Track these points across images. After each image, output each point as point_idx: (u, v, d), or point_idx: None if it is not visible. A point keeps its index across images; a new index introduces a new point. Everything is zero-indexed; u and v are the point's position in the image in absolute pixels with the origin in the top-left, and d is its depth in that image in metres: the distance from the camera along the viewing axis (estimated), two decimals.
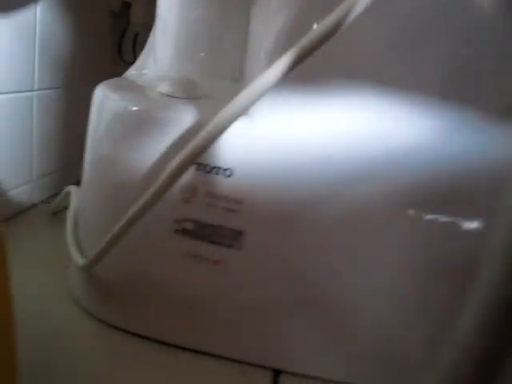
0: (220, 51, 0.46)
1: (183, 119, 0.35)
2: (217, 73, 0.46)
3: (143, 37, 0.74)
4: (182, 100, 0.38)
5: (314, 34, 0.27)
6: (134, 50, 0.77)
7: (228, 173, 0.35)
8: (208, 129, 0.30)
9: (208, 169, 0.35)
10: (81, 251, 0.42)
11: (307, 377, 0.38)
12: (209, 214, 0.36)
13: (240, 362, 0.39)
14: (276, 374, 0.38)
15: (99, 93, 0.41)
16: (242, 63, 0.46)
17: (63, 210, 0.59)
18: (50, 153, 0.65)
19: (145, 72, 0.49)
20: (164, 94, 0.39)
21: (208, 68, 0.46)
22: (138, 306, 0.40)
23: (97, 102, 0.41)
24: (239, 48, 0.46)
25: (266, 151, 0.34)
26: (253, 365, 0.39)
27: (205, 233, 0.36)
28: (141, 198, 0.33)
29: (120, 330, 0.40)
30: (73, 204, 0.49)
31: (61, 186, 0.65)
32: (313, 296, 0.37)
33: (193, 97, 0.38)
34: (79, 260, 0.40)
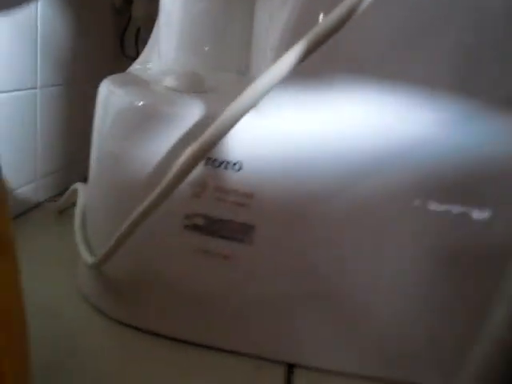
0: (225, 44, 0.46)
1: (190, 114, 0.34)
2: (222, 66, 0.46)
3: (145, 31, 0.73)
4: (189, 94, 0.37)
5: (324, 25, 0.26)
6: (137, 45, 0.77)
7: (237, 167, 0.34)
8: (219, 122, 0.29)
9: (217, 163, 0.35)
10: (89, 249, 0.42)
11: (320, 370, 0.38)
12: (219, 208, 0.35)
13: (253, 356, 0.39)
14: (289, 368, 0.38)
15: (104, 88, 0.41)
16: (247, 56, 0.46)
17: (70, 207, 0.59)
18: (54, 151, 0.64)
19: (149, 66, 0.49)
20: (170, 89, 0.38)
21: (213, 61, 0.46)
22: (149, 302, 0.40)
23: (102, 98, 0.40)
24: (244, 41, 0.45)
25: (274, 145, 0.34)
26: (266, 359, 0.38)
27: (215, 228, 0.36)
28: (150, 195, 0.33)
29: (130, 327, 0.40)
30: (80, 201, 0.48)
31: (66, 184, 0.65)
32: (324, 289, 0.36)
33: (199, 91, 0.38)
34: (88, 258, 0.40)
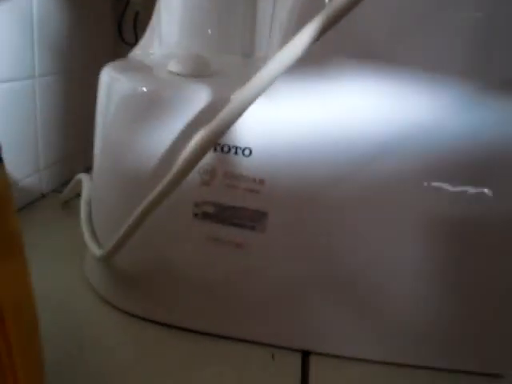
0: (228, 26, 0.44)
1: (197, 99, 0.33)
2: (226, 48, 0.44)
3: (144, 16, 0.71)
4: (194, 78, 0.36)
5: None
6: (135, 30, 0.75)
7: (247, 152, 0.33)
8: (231, 106, 0.28)
9: (226, 149, 0.33)
10: (97, 241, 0.41)
11: (336, 357, 0.38)
12: (229, 195, 0.34)
13: (268, 345, 0.38)
14: (305, 355, 0.38)
15: (106, 75, 0.39)
16: (251, 38, 0.45)
17: (74, 198, 0.58)
18: (55, 141, 0.63)
19: (151, 52, 0.47)
20: (174, 73, 0.37)
21: (217, 44, 0.44)
22: (160, 293, 0.39)
23: (104, 85, 0.39)
24: (248, 22, 0.44)
25: (284, 130, 0.33)
26: (281, 347, 0.38)
27: (226, 215, 0.35)
28: (159, 184, 0.32)
29: (141, 318, 0.40)
30: (85, 193, 0.47)
31: (69, 174, 0.64)
32: (339, 274, 0.36)
33: (204, 74, 0.37)
34: (96, 251, 0.39)
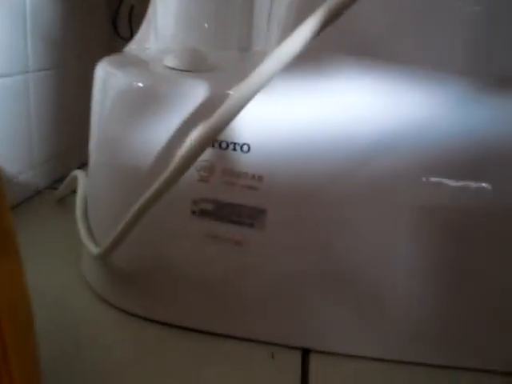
0: (225, 20, 0.44)
1: (195, 94, 0.33)
2: (223, 42, 0.44)
3: (139, 9, 0.70)
4: (191, 73, 0.35)
5: None
6: (130, 24, 0.74)
7: (245, 148, 0.33)
8: (230, 102, 0.27)
9: (224, 145, 0.33)
10: (93, 239, 0.40)
11: (337, 354, 0.37)
12: (228, 192, 0.34)
13: (267, 343, 0.38)
14: (305, 353, 0.37)
15: (101, 70, 0.39)
16: (248, 32, 0.44)
17: (70, 195, 0.58)
18: (50, 136, 0.62)
19: (147, 46, 0.47)
20: (171, 68, 0.36)
21: (213, 38, 0.44)
22: (158, 291, 0.38)
23: (99, 80, 0.39)
24: (245, 16, 0.43)
25: (283, 126, 0.32)
26: (281, 345, 0.38)
27: (224, 213, 0.34)
28: (155, 182, 0.31)
29: (139, 317, 0.39)
30: (80, 190, 0.47)
31: (65, 170, 0.63)
32: (338, 272, 0.35)
33: (202, 69, 0.36)
34: (93, 249, 0.38)
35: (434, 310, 0.36)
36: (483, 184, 0.33)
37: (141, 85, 0.34)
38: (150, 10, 0.47)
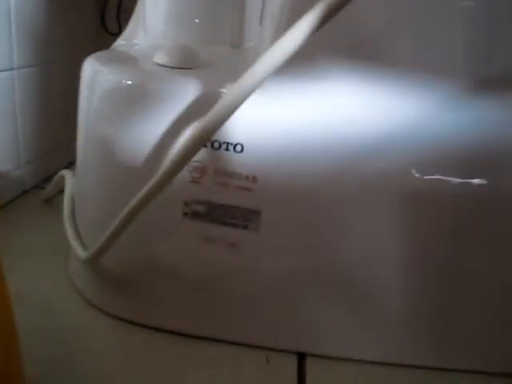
0: (216, 15, 0.42)
1: (185, 92, 0.31)
2: (214, 39, 0.43)
3: (128, 4, 0.69)
4: (182, 70, 0.34)
5: None
6: (119, 19, 0.72)
7: (238, 148, 0.32)
8: (225, 101, 0.26)
9: (217, 145, 0.32)
10: (81, 242, 0.39)
11: (333, 358, 0.37)
12: (221, 193, 0.33)
13: (262, 347, 0.37)
14: (301, 357, 0.37)
15: (88, 67, 0.37)
16: (240, 28, 0.43)
17: (57, 195, 0.56)
18: (37, 135, 0.61)
19: (136, 42, 0.45)
20: (161, 65, 0.35)
21: (205, 34, 0.42)
22: (149, 296, 0.37)
23: (86, 78, 0.37)
24: (237, 11, 0.42)
25: (276, 126, 0.31)
26: (276, 350, 0.37)
27: (217, 214, 0.33)
28: (145, 185, 0.30)
29: (129, 322, 0.38)
30: (68, 190, 0.45)
31: (52, 169, 0.62)
32: (333, 273, 0.34)
33: (192, 66, 0.35)
34: (81, 253, 0.37)
35: (431, 311, 0.35)
36: (476, 184, 0.32)
37: (130, 82, 0.33)
38: (138, 5, 0.46)
